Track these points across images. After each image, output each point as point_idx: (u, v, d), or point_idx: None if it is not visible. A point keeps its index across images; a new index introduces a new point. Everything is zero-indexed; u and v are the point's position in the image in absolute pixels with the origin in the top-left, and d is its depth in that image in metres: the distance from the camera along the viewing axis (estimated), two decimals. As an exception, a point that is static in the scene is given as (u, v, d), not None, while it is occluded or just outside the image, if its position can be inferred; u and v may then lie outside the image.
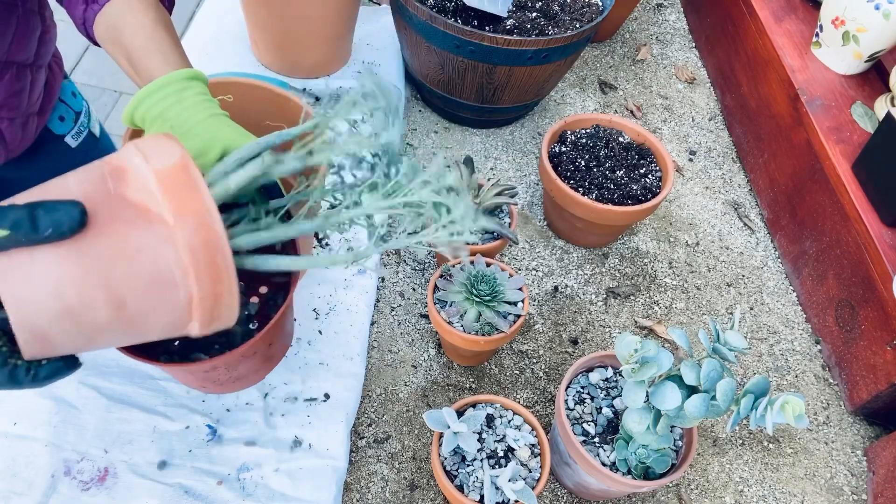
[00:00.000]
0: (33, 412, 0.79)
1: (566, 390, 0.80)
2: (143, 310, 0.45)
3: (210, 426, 0.81)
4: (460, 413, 0.78)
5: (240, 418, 0.83)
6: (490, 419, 0.78)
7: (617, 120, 1.11)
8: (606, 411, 0.79)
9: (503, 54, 1.04)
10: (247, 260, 0.53)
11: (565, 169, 1.05)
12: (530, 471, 0.75)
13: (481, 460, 0.75)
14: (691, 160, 1.29)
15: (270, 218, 0.55)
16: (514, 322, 0.85)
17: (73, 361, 0.48)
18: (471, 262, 0.89)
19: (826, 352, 1.04)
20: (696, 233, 1.18)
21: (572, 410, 0.79)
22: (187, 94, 0.60)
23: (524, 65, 1.07)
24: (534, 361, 0.97)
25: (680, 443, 0.78)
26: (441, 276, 0.88)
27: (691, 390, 0.68)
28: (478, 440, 0.76)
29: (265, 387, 0.85)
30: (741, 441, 0.94)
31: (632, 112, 1.35)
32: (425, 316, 0.99)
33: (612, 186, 1.03)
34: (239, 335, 0.63)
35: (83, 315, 0.43)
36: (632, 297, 1.07)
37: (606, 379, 0.82)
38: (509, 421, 0.79)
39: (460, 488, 0.73)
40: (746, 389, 0.67)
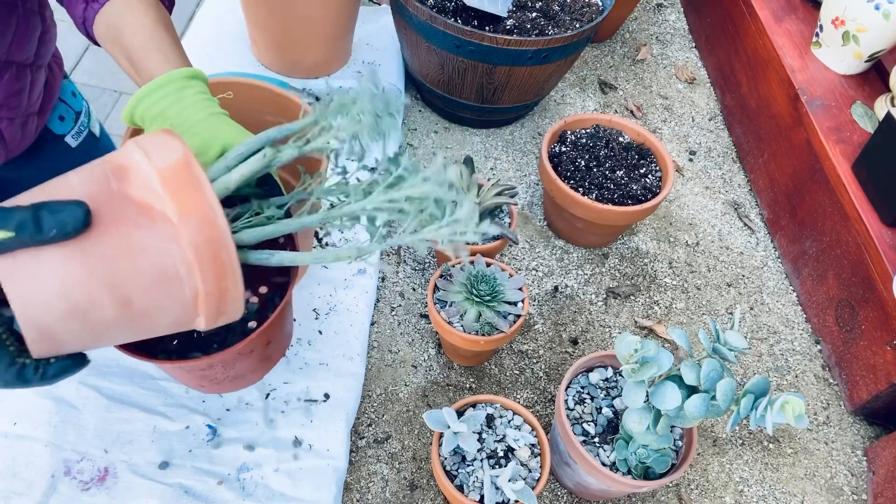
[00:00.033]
0: (33, 412, 0.79)
1: (566, 390, 0.80)
2: (149, 307, 0.45)
3: (210, 426, 0.81)
4: (460, 413, 0.78)
5: (240, 418, 0.83)
6: (490, 419, 0.78)
7: (617, 120, 1.11)
8: (606, 411, 0.79)
9: (503, 54, 1.04)
10: (251, 255, 0.53)
11: (565, 169, 1.05)
12: (530, 471, 0.75)
13: (481, 460, 0.75)
14: (691, 160, 1.29)
15: (274, 211, 0.55)
16: (514, 322, 0.85)
17: (81, 359, 0.48)
18: (471, 262, 0.89)
19: (826, 352, 1.03)
20: (696, 233, 1.18)
21: (572, 410, 0.79)
22: (187, 93, 0.60)
23: (524, 65, 1.07)
24: (534, 361, 0.97)
25: (680, 443, 0.78)
26: (441, 276, 0.88)
27: (691, 390, 0.68)
28: (478, 440, 0.76)
29: (265, 387, 0.85)
30: (741, 441, 0.94)
31: (632, 112, 1.35)
32: (425, 316, 0.99)
33: (612, 186, 1.03)
34: (237, 334, 0.63)
35: (89, 314, 0.43)
36: (632, 297, 1.07)
37: (606, 379, 0.82)
38: (509, 421, 0.79)
39: (460, 488, 0.73)
40: (746, 389, 0.67)
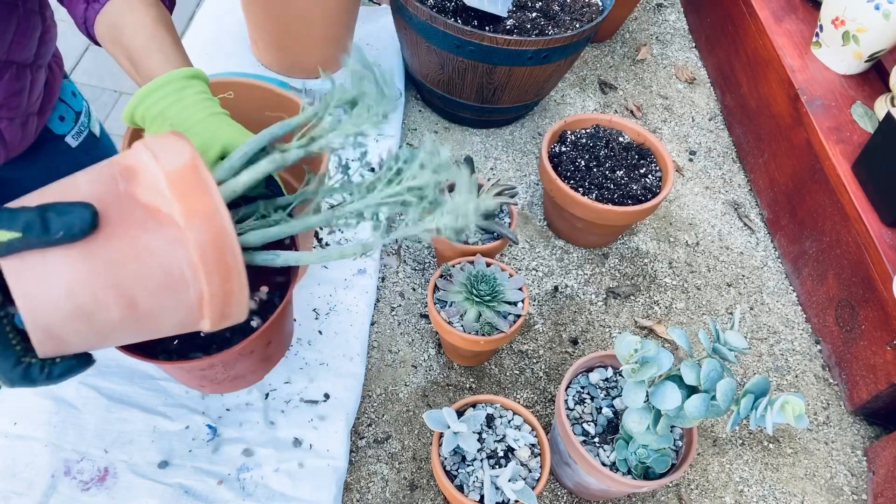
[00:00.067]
0: (33, 412, 0.79)
1: (566, 390, 0.80)
2: (155, 309, 0.45)
3: (210, 426, 0.81)
4: (460, 413, 0.78)
5: (240, 418, 0.83)
6: (490, 419, 0.78)
7: (617, 120, 1.11)
8: (606, 411, 0.79)
9: (503, 54, 1.04)
10: (256, 256, 0.53)
11: (565, 169, 1.05)
12: (530, 471, 0.75)
13: (481, 460, 0.75)
14: (691, 160, 1.29)
15: (279, 214, 0.55)
16: (514, 322, 0.85)
17: (87, 359, 0.48)
18: (471, 263, 0.89)
19: (826, 352, 1.03)
20: (696, 233, 1.18)
21: (572, 410, 0.79)
22: (188, 93, 0.60)
23: (524, 65, 1.07)
24: (534, 361, 0.97)
25: (680, 443, 0.78)
26: (441, 276, 0.88)
27: (691, 390, 0.68)
28: (478, 440, 0.76)
29: (265, 387, 0.85)
30: (741, 441, 0.94)
31: (632, 112, 1.35)
32: (425, 316, 0.99)
33: (612, 186, 1.03)
34: (237, 334, 0.63)
35: (95, 315, 0.43)
36: (632, 297, 1.07)
37: (606, 379, 0.82)
38: (509, 421, 0.79)
39: (460, 488, 0.73)
40: (746, 389, 0.67)
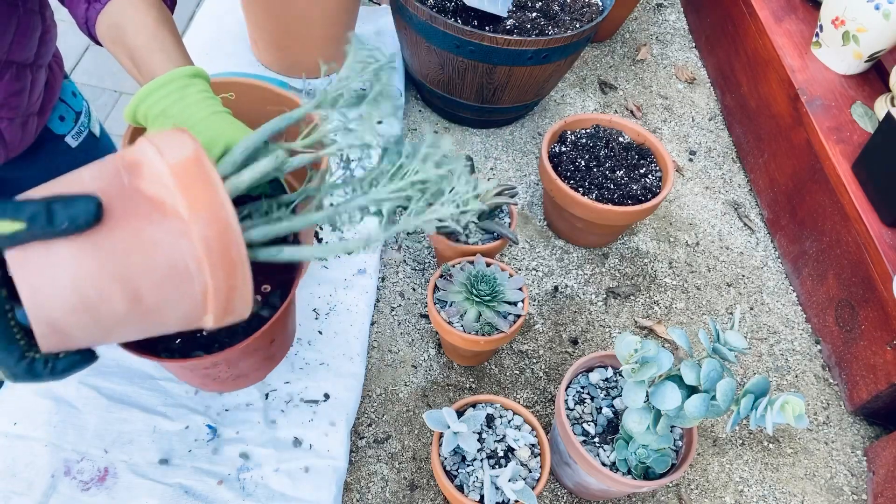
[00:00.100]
0: (33, 412, 0.79)
1: (566, 390, 0.80)
2: (159, 302, 0.45)
3: (210, 426, 0.81)
4: (460, 413, 0.78)
5: (240, 418, 0.83)
6: (490, 419, 0.78)
7: (617, 120, 1.11)
8: (606, 411, 0.79)
9: (503, 54, 1.04)
10: (260, 252, 0.53)
11: (565, 169, 1.05)
12: (530, 471, 0.75)
13: (481, 460, 0.75)
14: (691, 160, 1.29)
15: (283, 210, 0.55)
16: (514, 322, 0.85)
17: (90, 355, 0.48)
18: (471, 263, 0.89)
19: (826, 352, 1.04)
20: (696, 233, 1.18)
21: (572, 410, 0.79)
22: (190, 92, 0.61)
23: (524, 65, 1.07)
24: (534, 361, 0.97)
25: (680, 443, 0.78)
26: (441, 276, 0.88)
27: (691, 390, 0.68)
28: (478, 440, 0.76)
29: (265, 387, 0.85)
30: (741, 441, 0.94)
31: (632, 112, 1.35)
32: (425, 316, 0.99)
33: (612, 186, 1.03)
34: (240, 332, 0.64)
35: (100, 308, 0.43)
36: (632, 297, 1.07)
37: (606, 379, 0.82)
38: (509, 421, 0.79)
39: (460, 488, 0.73)
40: (746, 389, 0.67)
